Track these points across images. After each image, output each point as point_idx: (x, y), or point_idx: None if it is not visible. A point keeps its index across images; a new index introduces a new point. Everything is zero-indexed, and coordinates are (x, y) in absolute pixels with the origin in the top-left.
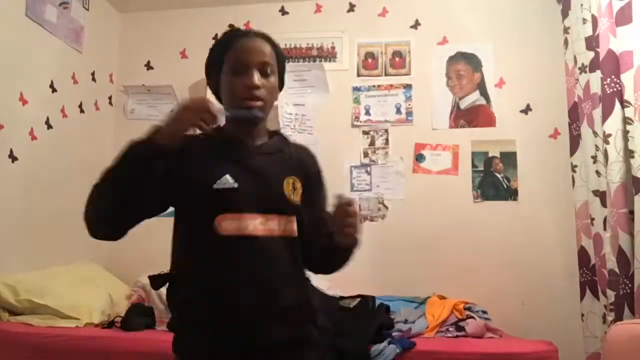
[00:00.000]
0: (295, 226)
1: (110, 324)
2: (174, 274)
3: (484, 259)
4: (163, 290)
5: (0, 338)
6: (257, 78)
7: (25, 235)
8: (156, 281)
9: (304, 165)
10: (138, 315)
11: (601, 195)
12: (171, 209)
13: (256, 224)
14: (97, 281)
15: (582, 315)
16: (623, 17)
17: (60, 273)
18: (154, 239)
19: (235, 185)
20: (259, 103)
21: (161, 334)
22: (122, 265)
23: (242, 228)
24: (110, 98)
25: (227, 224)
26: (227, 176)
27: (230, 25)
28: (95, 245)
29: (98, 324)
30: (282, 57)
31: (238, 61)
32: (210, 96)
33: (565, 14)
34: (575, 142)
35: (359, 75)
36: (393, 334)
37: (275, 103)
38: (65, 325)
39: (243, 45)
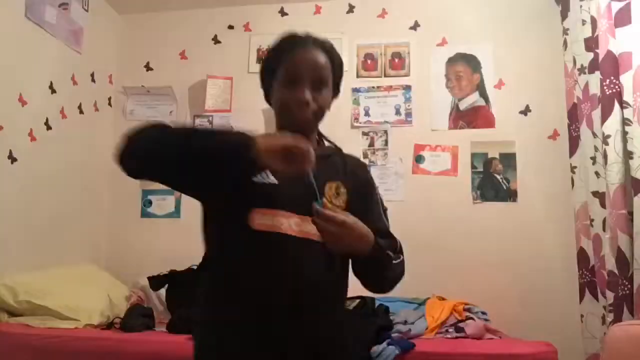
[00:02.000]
0: None
1: (109, 325)
2: (174, 275)
3: (483, 260)
4: (162, 291)
5: None
6: (307, 94)
7: (24, 236)
8: (155, 282)
9: (353, 172)
10: (137, 317)
11: (600, 196)
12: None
13: (291, 223)
14: (96, 282)
15: (582, 316)
16: (622, 18)
17: (60, 274)
18: (153, 241)
19: (275, 182)
20: (309, 116)
21: (160, 335)
22: (122, 266)
23: (276, 225)
24: (109, 99)
25: (261, 219)
26: (269, 172)
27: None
28: (94, 247)
29: (97, 325)
30: (338, 65)
31: (290, 73)
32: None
33: (564, 15)
34: (574, 143)
35: (358, 76)
36: (392, 335)
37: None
38: (64, 326)
39: (297, 57)
